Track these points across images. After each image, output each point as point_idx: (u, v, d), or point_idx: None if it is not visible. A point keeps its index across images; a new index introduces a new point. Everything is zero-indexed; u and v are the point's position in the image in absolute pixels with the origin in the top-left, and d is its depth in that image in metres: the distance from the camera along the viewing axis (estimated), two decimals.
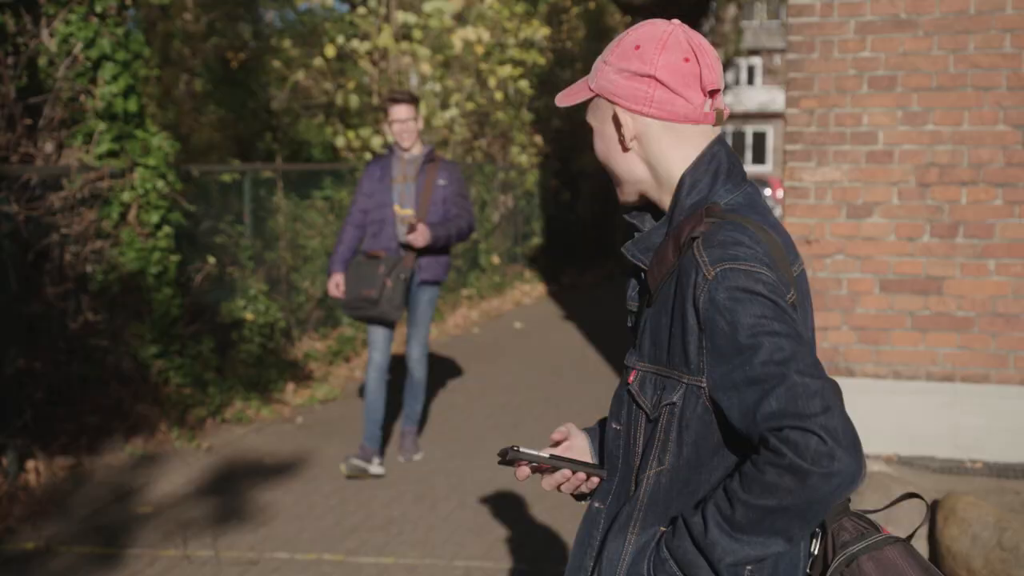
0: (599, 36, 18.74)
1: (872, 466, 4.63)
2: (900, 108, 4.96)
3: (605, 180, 14.72)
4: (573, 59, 16.99)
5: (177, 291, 6.93)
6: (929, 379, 5.00)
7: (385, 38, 11.70)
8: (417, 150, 5.86)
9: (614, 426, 1.75)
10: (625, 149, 1.73)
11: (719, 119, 1.73)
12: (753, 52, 41.19)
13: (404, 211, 5.78)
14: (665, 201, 1.75)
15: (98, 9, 6.40)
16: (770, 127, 43.20)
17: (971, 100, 4.88)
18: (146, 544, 4.93)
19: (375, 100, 12.30)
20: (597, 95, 1.75)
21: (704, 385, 1.59)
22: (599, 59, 1.78)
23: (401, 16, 11.94)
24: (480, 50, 12.39)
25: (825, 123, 5.07)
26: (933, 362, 4.99)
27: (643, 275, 1.75)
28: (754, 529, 1.49)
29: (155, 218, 6.60)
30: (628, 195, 1.80)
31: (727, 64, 26.75)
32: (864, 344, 5.07)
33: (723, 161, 1.71)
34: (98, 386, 6.47)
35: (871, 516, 1.74)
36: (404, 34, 12.17)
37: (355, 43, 11.88)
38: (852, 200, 5.05)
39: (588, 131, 1.83)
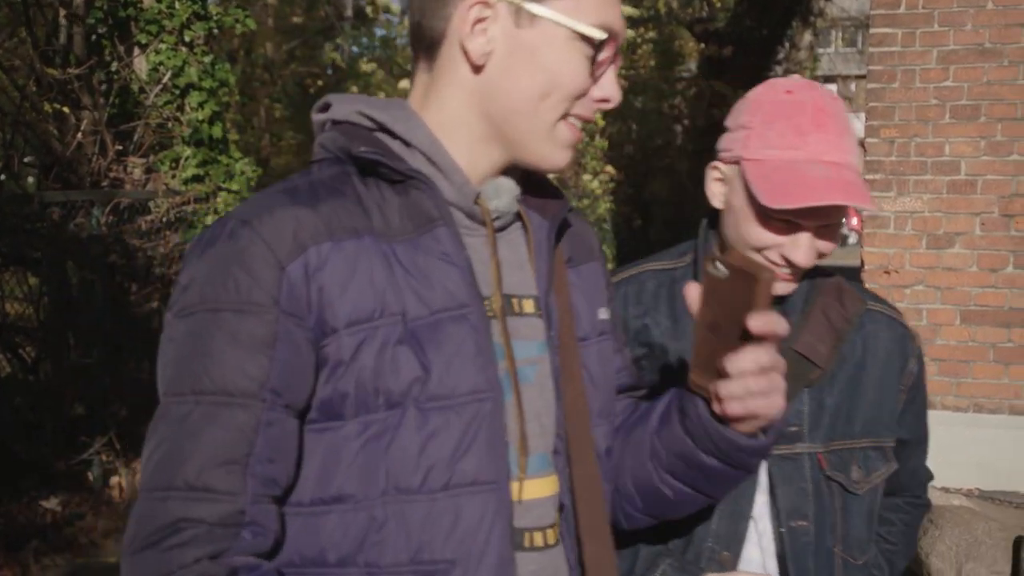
0: (668, 64, 18.70)
1: (952, 500, 4.54)
2: (983, 138, 4.89)
3: (677, 207, 14.38)
4: (645, 86, 17.01)
5: None
6: (1012, 413, 4.89)
7: None
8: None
9: (800, 523, 1.54)
10: None
11: None
12: (828, 79, 40.72)
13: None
14: None
15: (187, 39, 6.59)
16: None
17: None
18: None
19: None
20: None
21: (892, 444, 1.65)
22: (854, 151, 1.52)
23: None
24: None
25: (906, 152, 5.02)
26: (1016, 395, 4.88)
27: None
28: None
29: None
30: None
31: None
32: (944, 376, 4.99)
33: None
34: None
35: None
36: None
37: None
38: (933, 230, 4.98)
39: (662, 161, 1.72)
